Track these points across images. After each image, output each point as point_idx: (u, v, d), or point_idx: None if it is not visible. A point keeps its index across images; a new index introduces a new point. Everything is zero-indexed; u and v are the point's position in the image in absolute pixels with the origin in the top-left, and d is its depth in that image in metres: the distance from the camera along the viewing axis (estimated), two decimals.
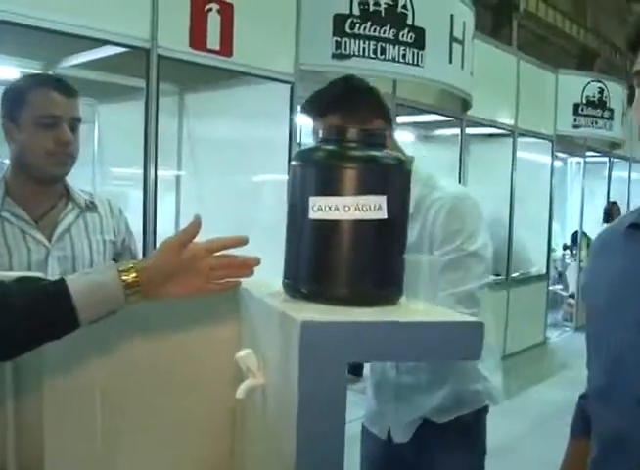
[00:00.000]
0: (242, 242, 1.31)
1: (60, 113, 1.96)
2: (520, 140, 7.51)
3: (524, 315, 7.59)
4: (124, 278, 1.24)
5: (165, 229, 5.43)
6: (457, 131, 6.71)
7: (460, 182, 6.39)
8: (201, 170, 5.00)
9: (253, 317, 1.41)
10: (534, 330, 8.27)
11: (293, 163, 1.28)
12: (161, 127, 3.85)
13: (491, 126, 7.21)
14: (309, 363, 1.07)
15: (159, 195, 3.89)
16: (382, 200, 1.21)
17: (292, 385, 1.10)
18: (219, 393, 1.44)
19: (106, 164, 5.49)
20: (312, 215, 1.21)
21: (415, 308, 1.23)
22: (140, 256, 2.51)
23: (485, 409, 2.12)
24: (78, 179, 2.19)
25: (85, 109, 5.48)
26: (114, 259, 2.15)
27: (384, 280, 1.24)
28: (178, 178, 5.36)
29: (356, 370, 6.37)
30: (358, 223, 1.21)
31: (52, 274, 1.91)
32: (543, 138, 8.10)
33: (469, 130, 6.80)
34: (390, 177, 1.24)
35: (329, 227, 1.21)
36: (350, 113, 1.91)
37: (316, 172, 1.24)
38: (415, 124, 7.13)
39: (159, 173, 3.82)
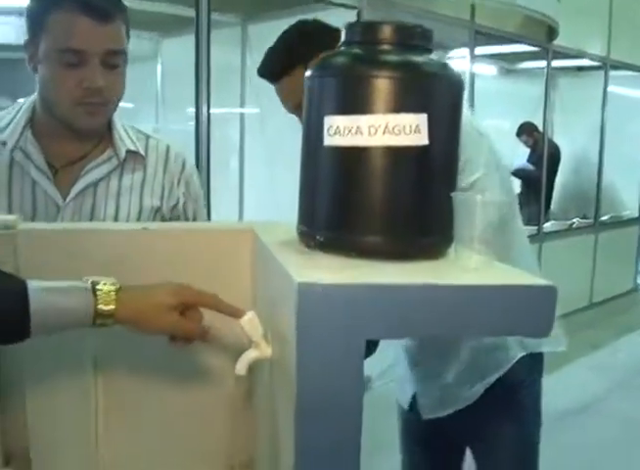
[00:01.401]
0: (238, 315, 1.06)
1: (86, 46, 1.43)
2: (612, 74, 6.93)
3: (613, 261, 7.13)
4: (100, 308, 0.99)
5: (230, 167, 5.25)
6: (543, 64, 6.20)
7: (546, 120, 5.96)
8: (265, 106, 4.72)
9: (264, 275, 1.13)
10: (624, 277, 7.79)
11: (307, 73, 0.99)
12: (222, 61, 3.56)
13: (580, 57, 6.66)
14: (309, 341, 0.79)
15: (222, 131, 3.63)
16: (421, 120, 0.90)
17: (289, 369, 0.82)
18: (227, 367, 1.18)
19: (170, 104, 5.27)
20: (328, 141, 0.92)
21: (465, 265, 0.92)
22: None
23: (532, 371, 1.76)
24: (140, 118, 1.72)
25: (147, 44, 5.35)
26: None
27: (423, 226, 0.95)
28: (242, 115, 5.12)
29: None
30: (389, 151, 0.91)
31: None
32: (639, 70, 7.48)
33: (555, 63, 6.28)
34: (434, 90, 0.93)
35: (351, 156, 0.93)
36: None
37: (334, 83, 0.94)
38: (496, 56, 6.67)
39: (221, 110, 3.56)
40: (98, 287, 0.99)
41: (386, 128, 0.90)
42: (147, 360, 1.28)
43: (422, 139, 0.90)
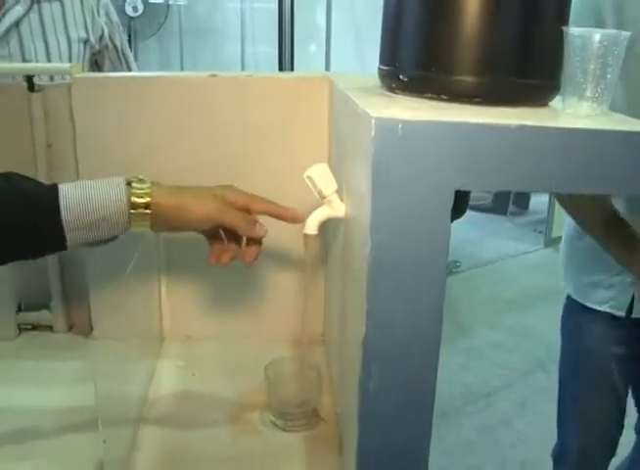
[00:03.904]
0: (298, 219, 0.95)
1: None
2: None
3: None
4: (134, 200, 0.85)
5: (314, 50, 5.02)
6: None
7: None
8: None
9: (339, 124, 1.00)
10: None
11: None
12: None
13: None
14: (387, 191, 0.67)
15: (306, 11, 3.40)
16: None
17: (364, 228, 0.71)
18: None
19: None
20: None
21: (575, 112, 0.77)
22: (131, 57, 1.78)
23: None
24: None
25: None
26: (96, 62, 1.60)
27: (526, 66, 0.79)
28: None
29: (521, 201, 5.88)
30: None
31: None
32: None
33: None
34: None
35: None
36: None
37: None
38: None
39: None
40: (132, 183, 0.87)
41: None
42: None
43: None
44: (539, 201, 5.83)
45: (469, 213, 5.63)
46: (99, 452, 0.83)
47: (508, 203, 5.80)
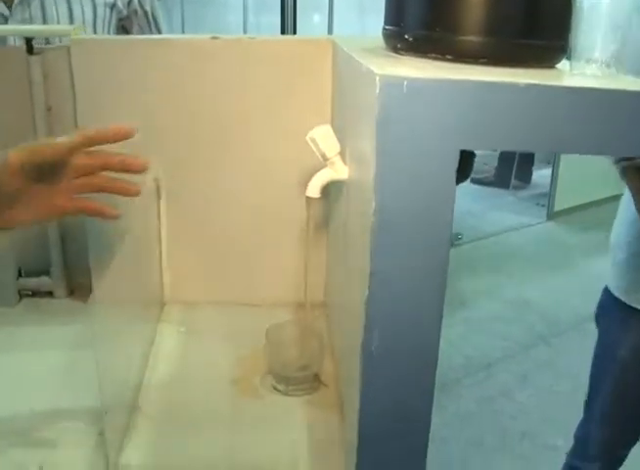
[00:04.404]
0: (129, 134, 0.81)
1: None
2: None
3: None
4: None
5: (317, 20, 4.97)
6: None
7: None
8: None
9: (343, 85, 0.99)
10: None
11: None
12: None
13: None
14: (391, 151, 0.66)
15: None
16: None
17: (367, 190, 0.70)
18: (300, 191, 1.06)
19: None
20: None
21: (582, 73, 0.76)
22: (161, 21, 1.67)
23: None
24: None
25: None
26: (124, 28, 1.52)
27: (533, 26, 0.78)
28: None
29: (524, 175, 5.86)
30: None
31: None
32: None
33: None
34: None
35: None
36: None
37: None
38: None
39: None
40: None
41: None
42: (213, 186, 1.19)
43: None
44: (541, 175, 5.81)
45: (471, 187, 5.63)
46: (99, 417, 0.83)
47: (510, 176, 5.77)
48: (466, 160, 0.70)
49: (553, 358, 3.13)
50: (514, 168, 5.74)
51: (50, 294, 1.33)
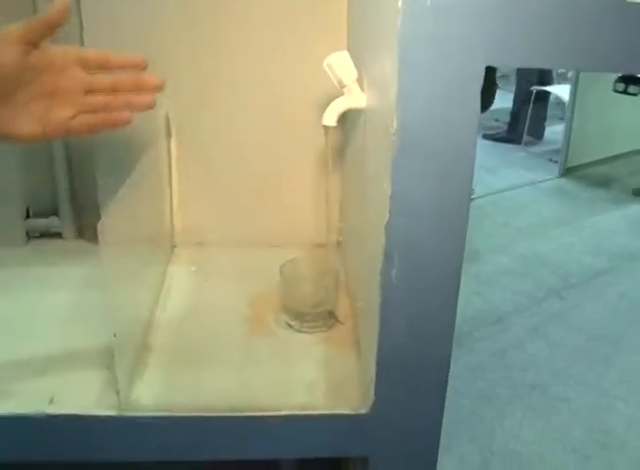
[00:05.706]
0: (141, 65, 0.78)
1: None
2: None
3: None
4: None
5: None
6: None
7: None
8: None
9: (361, 7, 0.95)
10: None
11: None
12: None
13: None
14: (414, 64, 0.62)
15: None
16: None
17: (387, 112, 0.67)
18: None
19: None
20: None
21: None
22: None
23: None
24: None
25: None
26: None
27: None
28: None
29: (536, 130, 5.79)
30: None
31: None
32: None
33: None
34: None
35: None
36: None
37: None
38: None
39: None
40: None
41: None
42: (224, 121, 1.16)
43: None
44: (554, 131, 5.75)
45: (483, 142, 5.57)
46: (110, 354, 0.81)
47: (523, 132, 5.71)
48: (489, 87, 0.67)
49: (564, 311, 3.11)
50: (526, 124, 5.67)
51: (59, 235, 1.31)
